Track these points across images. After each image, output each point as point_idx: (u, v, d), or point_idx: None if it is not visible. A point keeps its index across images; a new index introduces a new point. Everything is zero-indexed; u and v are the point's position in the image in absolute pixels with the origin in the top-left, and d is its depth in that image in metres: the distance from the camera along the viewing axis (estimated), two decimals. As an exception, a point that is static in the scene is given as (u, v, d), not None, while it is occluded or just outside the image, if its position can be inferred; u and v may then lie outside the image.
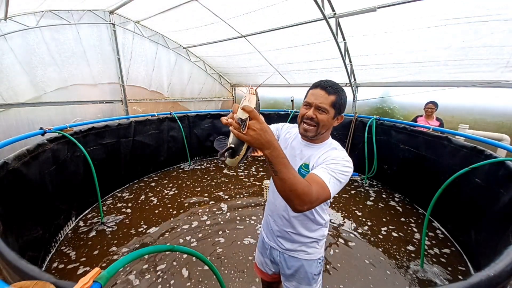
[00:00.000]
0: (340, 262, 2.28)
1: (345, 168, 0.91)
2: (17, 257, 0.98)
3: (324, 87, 0.95)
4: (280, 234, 1.16)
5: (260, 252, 1.33)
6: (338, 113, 0.98)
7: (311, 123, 0.97)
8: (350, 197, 3.58)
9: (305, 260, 1.14)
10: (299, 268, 1.15)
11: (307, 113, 0.96)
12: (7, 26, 3.62)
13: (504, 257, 0.96)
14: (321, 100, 0.93)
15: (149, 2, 4.21)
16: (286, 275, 1.20)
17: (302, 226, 1.11)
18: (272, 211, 1.18)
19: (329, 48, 4.24)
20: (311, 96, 0.97)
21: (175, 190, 3.83)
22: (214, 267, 0.93)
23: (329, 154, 0.97)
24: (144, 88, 5.83)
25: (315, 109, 0.95)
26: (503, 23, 2.72)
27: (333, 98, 0.94)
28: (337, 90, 0.95)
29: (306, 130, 0.99)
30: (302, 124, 1.00)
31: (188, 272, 2.15)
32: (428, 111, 3.75)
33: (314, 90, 0.97)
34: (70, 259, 2.32)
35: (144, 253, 0.70)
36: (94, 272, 0.56)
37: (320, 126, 0.96)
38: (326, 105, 0.93)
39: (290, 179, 0.71)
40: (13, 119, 3.88)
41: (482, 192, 2.25)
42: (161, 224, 2.90)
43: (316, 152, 1.02)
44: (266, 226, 1.26)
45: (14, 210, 1.93)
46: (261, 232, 1.35)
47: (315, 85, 0.98)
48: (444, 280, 2.07)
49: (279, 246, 1.18)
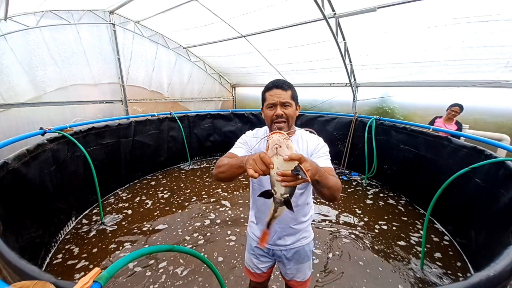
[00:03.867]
0: (340, 262, 2.28)
1: (327, 148, 1.12)
2: (17, 257, 0.98)
3: (279, 86, 1.03)
4: (284, 232, 1.20)
5: (253, 255, 1.33)
6: (296, 103, 1.08)
7: (281, 120, 1.04)
8: (350, 197, 3.58)
9: (306, 244, 1.26)
10: (299, 251, 1.26)
11: (276, 112, 1.03)
12: (7, 26, 3.61)
13: (504, 257, 0.96)
14: (283, 97, 1.02)
15: (149, 2, 4.21)
16: (287, 262, 1.28)
17: (301, 214, 1.19)
18: None
19: (329, 48, 4.24)
20: (272, 97, 1.03)
21: (175, 190, 3.83)
22: (214, 267, 0.93)
23: (311, 144, 1.10)
24: (144, 88, 5.83)
25: (281, 106, 1.03)
26: (503, 23, 2.72)
27: (290, 92, 1.04)
28: (290, 85, 1.06)
29: (280, 128, 1.03)
30: (273, 125, 1.05)
31: (188, 272, 2.15)
32: (452, 113, 3.44)
33: (272, 91, 1.04)
34: (70, 259, 2.32)
35: (144, 253, 0.70)
36: (94, 272, 0.56)
37: (290, 120, 1.05)
38: (288, 99, 1.03)
39: (332, 183, 0.85)
40: (13, 119, 3.88)
41: (482, 192, 2.25)
42: (161, 223, 2.90)
43: (295, 145, 1.05)
44: (260, 229, 1.26)
45: (14, 210, 1.93)
46: (249, 237, 1.35)
47: (270, 87, 1.05)
48: (444, 280, 2.07)
49: (283, 245, 1.22)
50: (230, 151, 1.12)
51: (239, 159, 0.90)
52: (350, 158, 4.54)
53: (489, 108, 3.75)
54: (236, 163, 0.89)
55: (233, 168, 0.90)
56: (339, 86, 5.44)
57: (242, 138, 1.20)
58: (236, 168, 0.89)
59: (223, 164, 0.96)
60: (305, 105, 6.31)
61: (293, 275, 1.31)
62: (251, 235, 1.33)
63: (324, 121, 4.85)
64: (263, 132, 1.18)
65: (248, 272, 1.40)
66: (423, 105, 4.45)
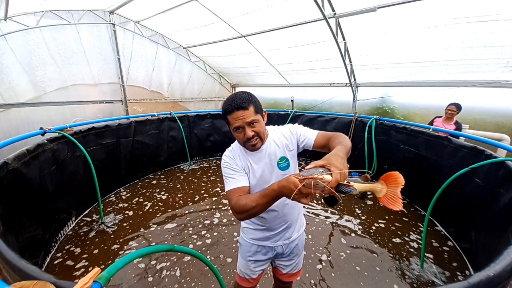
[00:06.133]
0: (340, 262, 2.28)
1: (295, 125, 1.19)
2: (17, 257, 0.98)
3: (239, 107, 0.96)
4: (288, 226, 1.22)
5: (251, 261, 1.29)
6: (261, 112, 1.05)
7: (254, 140, 1.02)
8: (350, 197, 3.58)
9: (302, 234, 1.32)
10: (299, 243, 1.30)
11: (246, 134, 1.00)
12: (7, 26, 3.62)
13: (504, 257, 0.96)
14: (247, 116, 0.97)
15: (149, 2, 4.21)
16: (288, 256, 1.30)
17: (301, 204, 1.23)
18: (278, 216, 1.17)
19: (329, 48, 4.24)
20: (236, 121, 0.98)
21: (176, 189, 3.83)
22: (214, 267, 0.93)
23: (283, 139, 1.13)
24: (144, 88, 5.83)
25: (248, 126, 0.99)
26: (503, 23, 2.72)
27: (252, 107, 0.98)
28: (249, 99, 0.99)
29: (255, 145, 1.04)
30: (249, 146, 1.04)
31: (188, 271, 2.15)
32: (448, 113, 3.47)
33: (234, 114, 0.97)
34: (70, 259, 2.32)
35: (144, 253, 0.70)
36: (94, 272, 0.56)
37: (261, 135, 1.04)
38: (253, 117, 0.98)
39: (347, 145, 0.99)
40: (13, 119, 3.88)
41: (482, 192, 2.24)
42: (162, 223, 2.90)
43: (274, 145, 1.12)
44: (268, 233, 1.22)
45: (14, 210, 1.93)
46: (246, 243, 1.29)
47: (230, 110, 0.98)
48: (444, 280, 2.07)
49: (288, 238, 1.24)
50: (236, 186, 1.03)
51: (268, 193, 0.85)
52: (350, 158, 4.50)
53: (489, 108, 3.74)
54: (268, 197, 0.85)
55: (269, 204, 0.88)
56: (339, 86, 5.44)
57: (228, 166, 1.09)
58: (271, 202, 0.87)
59: (250, 204, 0.89)
60: (305, 105, 6.31)
61: (291, 268, 1.33)
62: (248, 240, 1.27)
63: (324, 121, 4.85)
64: (239, 149, 1.13)
65: (242, 280, 1.35)
66: (423, 105, 4.45)
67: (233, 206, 0.96)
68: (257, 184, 1.11)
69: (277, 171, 1.11)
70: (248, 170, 1.11)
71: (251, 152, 1.10)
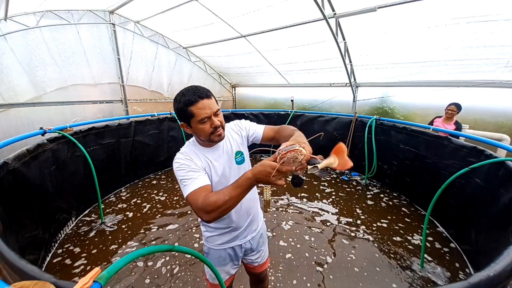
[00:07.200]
0: (340, 262, 2.28)
1: (243, 121, 1.26)
2: (17, 257, 0.98)
3: (204, 96, 0.96)
4: (253, 218, 1.26)
5: (223, 264, 1.27)
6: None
7: (220, 129, 1.02)
8: (350, 197, 3.58)
9: (263, 223, 1.40)
10: (263, 233, 1.38)
11: (214, 123, 0.98)
12: (7, 26, 3.61)
13: (504, 257, 0.96)
14: (212, 106, 0.97)
15: (149, 2, 4.21)
16: (256, 249, 1.34)
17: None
18: (242, 212, 1.20)
19: (329, 48, 4.24)
20: (203, 111, 0.95)
21: (176, 189, 3.83)
22: (213, 267, 0.93)
23: (234, 135, 1.18)
24: (144, 88, 5.83)
25: (215, 116, 0.99)
26: (503, 23, 2.72)
27: (213, 98, 1.00)
28: (207, 89, 1.01)
29: (221, 135, 1.03)
30: (215, 136, 1.01)
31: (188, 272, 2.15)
32: (449, 113, 3.46)
33: (199, 104, 0.94)
34: (70, 259, 2.32)
35: (144, 253, 0.70)
36: (94, 272, 0.56)
37: (223, 124, 1.05)
38: (217, 106, 1.01)
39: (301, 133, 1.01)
40: (13, 119, 3.87)
41: (482, 192, 2.25)
42: (161, 223, 2.90)
43: (229, 141, 1.15)
44: (236, 232, 1.21)
45: (14, 210, 1.93)
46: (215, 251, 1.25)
47: (194, 100, 0.94)
48: (444, 280, 2.07)
49: (253, 231, 1.29)
50: (199, 185, 0.93)
51: (243, 183, 0.84)
52: (350, 158, 4.52)
53: (489, 108, 3.74)
54: (243, 187, 0.84)
55: (242, 195, 0.85)
56: (339, 86, 5.45)
57: (185, 168, 0.99)
58: (245, 192, 0.85)
59: (223, 199, 0.84)
60: (305, 105, 6.31)
61: (261, 259, 1.38)
62: (216, 247, 1.23)
63: (324, 121, 4.85)
64: (193, 150, 1.08)
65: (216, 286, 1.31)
66: (423, 105, 4.45)
67: (201, 206, 0.86)
68: (219, 182, 1.09)
69: (234, 166, 1.13)
70: (210, 168, 1.07)
71: (209, 149, 1.09)
